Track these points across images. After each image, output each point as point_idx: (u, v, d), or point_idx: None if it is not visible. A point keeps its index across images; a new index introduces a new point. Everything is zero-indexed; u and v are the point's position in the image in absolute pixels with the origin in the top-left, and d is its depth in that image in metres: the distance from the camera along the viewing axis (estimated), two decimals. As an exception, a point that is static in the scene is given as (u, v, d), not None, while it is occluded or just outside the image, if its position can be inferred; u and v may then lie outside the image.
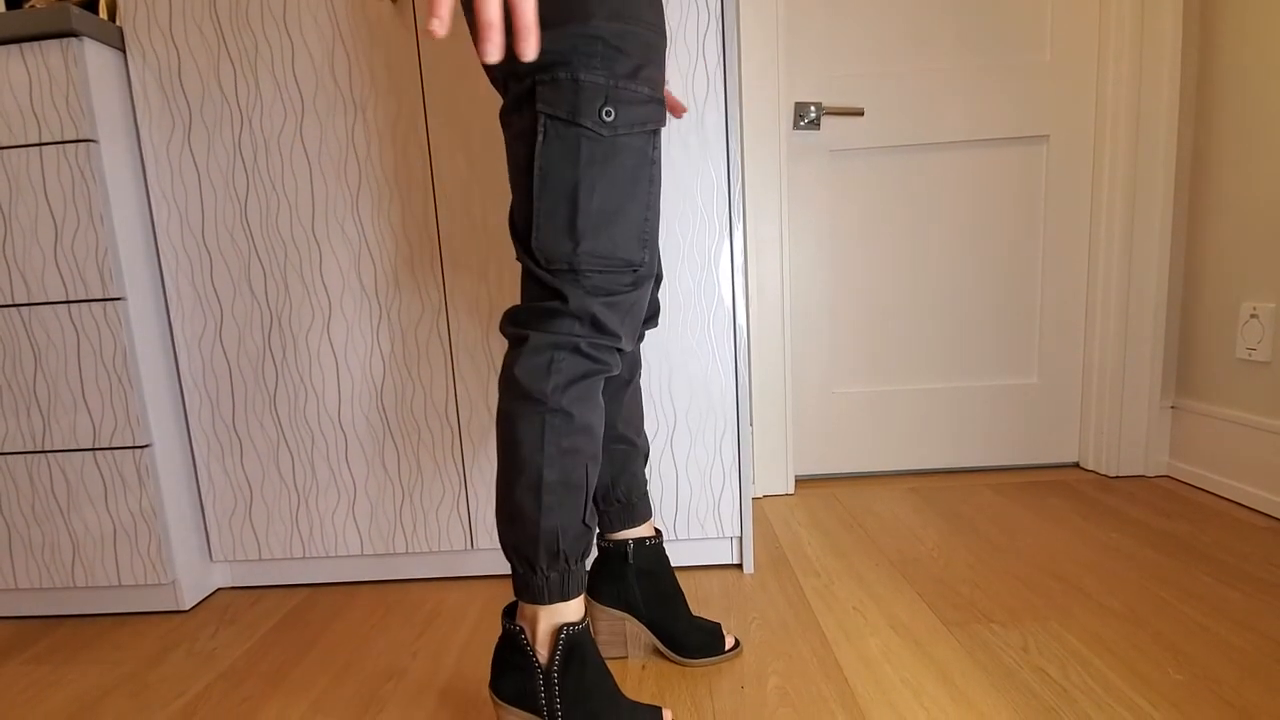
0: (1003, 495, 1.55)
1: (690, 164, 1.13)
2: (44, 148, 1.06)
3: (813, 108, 1.55)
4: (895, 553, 1.27)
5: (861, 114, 1.56)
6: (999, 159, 1.61)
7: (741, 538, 1.22)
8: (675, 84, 1.11)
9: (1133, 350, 1.58)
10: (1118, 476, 1.63)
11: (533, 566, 0.72)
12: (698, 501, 1.21)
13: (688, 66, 1.11)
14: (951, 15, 1.56)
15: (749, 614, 1.08)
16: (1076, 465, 1.72)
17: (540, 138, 0.67)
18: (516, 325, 0.73)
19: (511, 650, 0.74)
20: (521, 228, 0.71)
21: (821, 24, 1.57)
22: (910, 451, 1.73)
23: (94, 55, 1.07)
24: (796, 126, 1.57)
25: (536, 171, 0.68)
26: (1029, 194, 1.62)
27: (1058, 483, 1.61)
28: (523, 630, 0.73)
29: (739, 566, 1.26)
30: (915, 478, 1.71)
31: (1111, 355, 1.60)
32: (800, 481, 1.73)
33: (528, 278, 0.74)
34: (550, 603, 0.72)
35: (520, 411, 0.71)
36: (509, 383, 0.72)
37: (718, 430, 1.19)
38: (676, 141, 1.12)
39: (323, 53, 1.11)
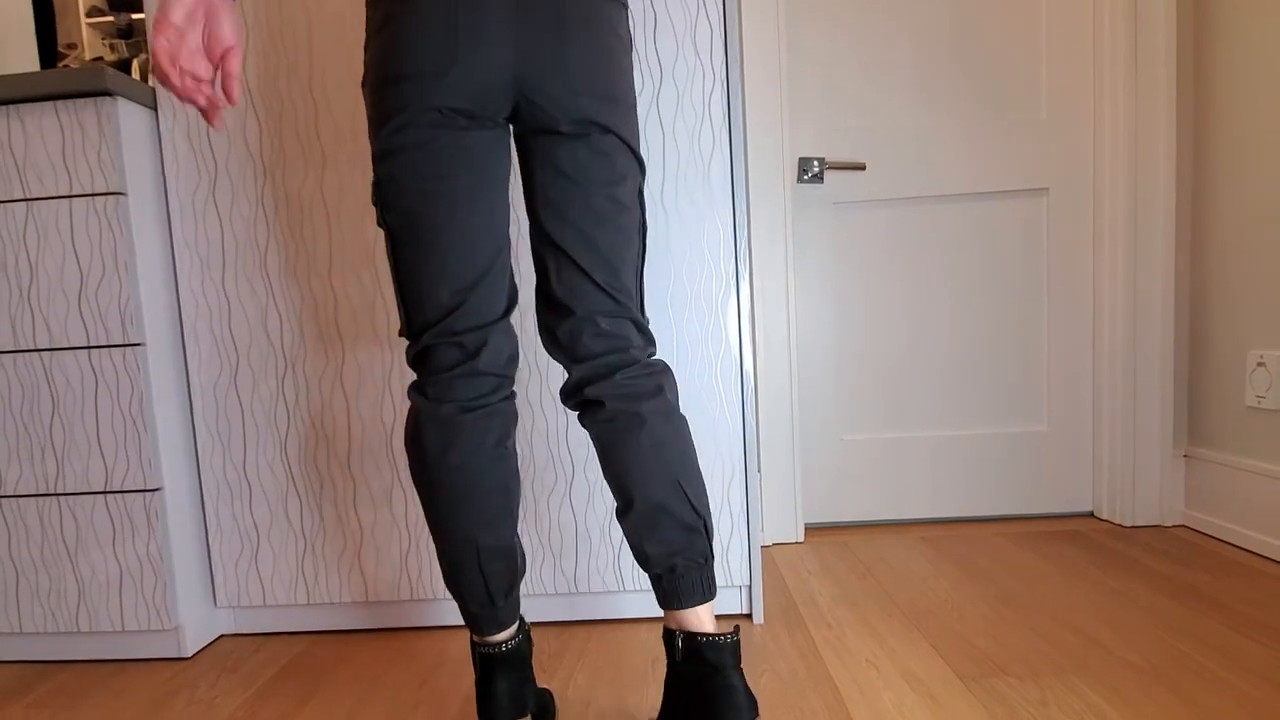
0: (1017, 545, 1.52)
1: (698, 215, 1.16)
2: (74, 200, 1.10)
3: (816, 162, 1.60)
4: (908, 603, 1.25)
5: (864, 168, 1.60)
6: (1000, 211, 1.65)
7: (751, 587, 1.21)
8: (682, 139, 1.15)
9: (1142, 398, 1.58)
10: (1133, 526, 1.60)
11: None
12: (706, 549, 1.19)
13: (694, 124, 1.15)
14: (948, 74, 1.62)
15: (759, 666, 1.05)
16: (1091, 515, 1.70)
17: (643, 210, 0.81)
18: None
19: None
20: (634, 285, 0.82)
21: (822, 83, 1.63)
22: (921, 500, 1.71)
23: (126, 113, 1.12)
24: (800, 180, 1.62)
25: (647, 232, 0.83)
26: (1031, 245, 1.65)
27: (1073, 532, 1.59)
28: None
29: (749, 617, 1.24)
30: (927, 526, 1.69)
31: (1121, 402, 1.60)
32: (810, 529, 1.71)
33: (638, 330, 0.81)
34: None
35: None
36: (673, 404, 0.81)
37: (725, 476, 1.19)
38: (684, 194, 1.16)
39: (345, 113, 1.16)
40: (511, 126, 0.79)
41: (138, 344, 1.12)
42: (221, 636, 1.27)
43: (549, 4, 0.71)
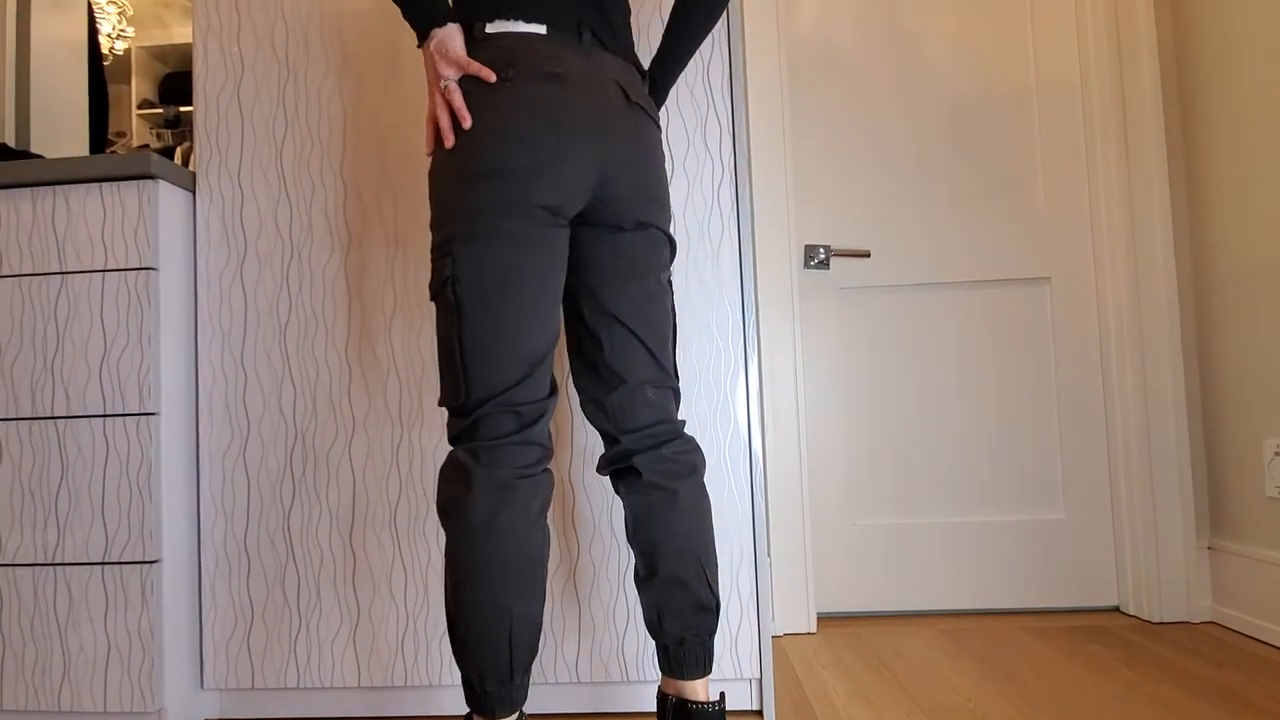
0: (1041, 640, 1.45)
1: (706, 296, 1.19)
2: (107, 274, 1.15)
3: (822, 249, 1.65)
4: (928, 701, 1.18)
5: (868, 255, 1.65)
6: (1004, 298, 1.68)
7: (762, 680, 1.15)
8: (693, 226, 1.20)
9: (1160, 487, 1.55)
10: (1161, 622, 1.53)
11: None
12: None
13: (704, 213, 1.20)
14: (947, 166, 1.69)
15: (770, 767, 0.99)
16: (1117, 609, 1.63)
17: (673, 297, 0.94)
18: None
19: None
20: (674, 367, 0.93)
21: (827, 174, 1.70)
22: (937, 589, 1.65)
23: (166, 195, 1.18)
24: (807, 266, 1.66)
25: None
26: (1037, 332, 1.67)
27: (1099, 628, 1.52)
28: None
29: (759, 713, 1.17)
30: (945, 618, 1.62)
31: (1139, 492, 1.57)
32: (822, 619, 1.65)
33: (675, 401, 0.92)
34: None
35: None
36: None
37: (734, 560, 1.16)
38: (694, 276, 1.19)
39: (372, 195, 1.22)
40: (570, 222, 0.88)
41: (152, 413, 1.13)
42: (205, 722, 1.21)
43: (626, 126, 0.85)
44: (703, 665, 0.87)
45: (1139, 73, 1.58)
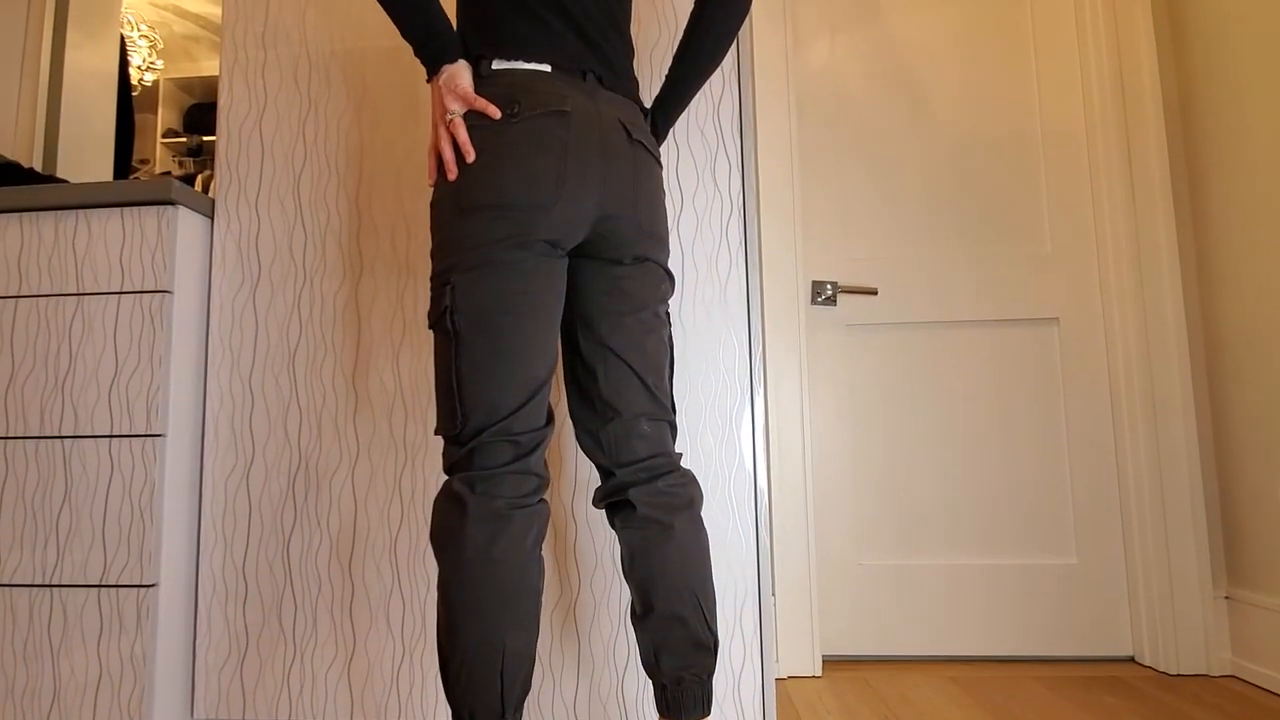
0: (1054, 691, 1.41)
1: (714, 330, 1.19)
2: (123, 295, 1.17)
3: (829, 286, 1.66)
4: (935, 752, 1.14)
5: (875, 293, 1.65)
6: (1012, 338, 1.67)
7: (763, 724, 1.12)
8: (701, 261, 1.21)
9: (1174, 533, 1.51)
10: (1178, 674, 1.48)
11: None
12: (715, 679, 1.12)
13: (712, 248, 1.21)
14: (953, 206, 1.71)
15: (772, 818, 0.95)
16: (1131, 659, 1.58)
17: (670, 324, 0.94)
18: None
19: None
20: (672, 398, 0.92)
21: (835, 212, 1.72)
22: (946, 633, 1.61)
23: (185, 220, 1.21)
24: (814, 302, 1.67)
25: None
26: (1045, 373, 1.66)
27: (1113, 679, 1.47)
28: None
29: (761, 759, 1.13)
30: (954, 665, 1.58)
31: (1152, 537, 1.53)
32: (828, 662, 1.61)
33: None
34: None
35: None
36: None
37: (738, 598, 1.14)
38: (701, 310, 1.20)
39: (387, 226, 1.24)
40: (568, 254, 0.89)
41: (159, 435, 1.13)
42: (193, 754, 1.19)
43: (628, 162, 0.87)
44: (701, 706, 0.85)
45: (1143, 115, 1.60)
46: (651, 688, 1.13)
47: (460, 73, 0.85)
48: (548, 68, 0.85)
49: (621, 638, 1.14)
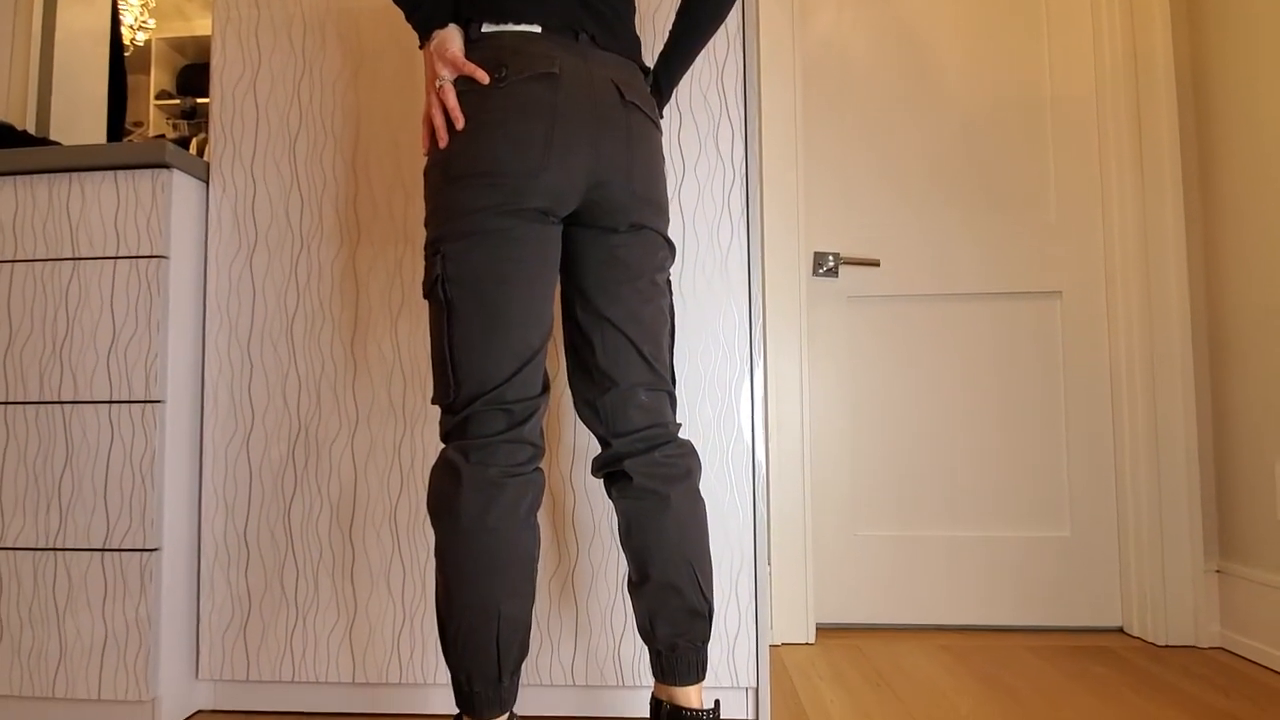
0: (1044, 660, 1.43)
1: (714, 300, 1.18)
2: (119, 260, 1.16)
3: (831, 257, 1.64)
4: (927, 719, 1.17)
5: (878, 264, 1.64)
6: (1014, 311, 1.66)
7: (758, 689, 1.14)
8: (702, 230, 1.20)
9: (1169, 507, 1.52)
10: (1167, 645, 1.51)
11: None
12: (710, 645, 1.14)
13: (714, 217, 1.19)
14: (958, 177, 1.68)
15: (764, 778, 0.98)
16: (1121, 630, 1.61)
17: (670, 293, 0.93)
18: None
19: None
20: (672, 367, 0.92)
21: (838, 182, 1.70)
22: (939, 603, 1.63)
23: (180, 184, 1.19)
24: (816, 273, 1.66)
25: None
26: (1046, 346, 1.65)
27: (1102, 649, 1.49)
28: None
29: (754, 723, 1.16)
30: (946, 634, 1.60)
31: (1146, 511, 1.55)
32: (822, 630, 1.63)
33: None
34: None
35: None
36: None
37: (734, 567, 1.15)
38: (701, 280, 1.19)
39: (384, 191, 1.23)
40: (562, 221, 0.87)
41: (158, 401, 1.13)
42: (199, 712, 1.21)
43: (620, 125, 0.84)
44: (695, 672, 0.86)
45: (1154, 85, 1.57)
46: (648, 653, 1.14)
47: (451, 38, 0.83)
48: (538, 29, 0.83)
49: (619, 604, 1.16)
